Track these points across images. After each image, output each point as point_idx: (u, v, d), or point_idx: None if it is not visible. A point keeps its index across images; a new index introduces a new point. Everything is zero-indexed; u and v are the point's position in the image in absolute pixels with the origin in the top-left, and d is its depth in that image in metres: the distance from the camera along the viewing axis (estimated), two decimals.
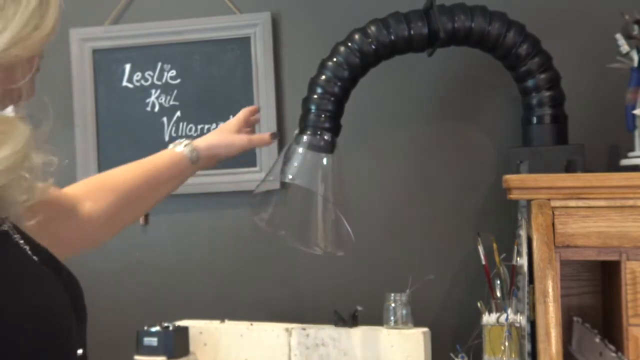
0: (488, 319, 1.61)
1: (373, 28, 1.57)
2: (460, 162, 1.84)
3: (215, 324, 1.82)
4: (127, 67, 1.99)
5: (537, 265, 1.33)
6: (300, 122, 1.58)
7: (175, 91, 1.97)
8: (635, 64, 1.52)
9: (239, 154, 1.44)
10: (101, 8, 2.00)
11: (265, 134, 1.48)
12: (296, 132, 1.57)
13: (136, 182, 1.25)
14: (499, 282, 1.63)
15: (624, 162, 1.54)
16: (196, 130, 1.96)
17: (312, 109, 1.56)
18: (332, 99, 1.55)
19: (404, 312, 1.69)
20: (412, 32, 1.57)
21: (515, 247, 1.59)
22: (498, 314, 1.59)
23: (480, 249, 1.66)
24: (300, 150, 1.54)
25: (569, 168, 1.53)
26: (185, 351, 1.75)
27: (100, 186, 1.22)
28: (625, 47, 1.53)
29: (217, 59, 1.94)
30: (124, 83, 1.99)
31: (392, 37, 1.57)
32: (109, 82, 2.00)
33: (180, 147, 1.33)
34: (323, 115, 1.54)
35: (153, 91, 1.98)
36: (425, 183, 1.85)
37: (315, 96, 1.55)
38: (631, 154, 1.54)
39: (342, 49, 1.57)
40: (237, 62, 1.93)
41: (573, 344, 1.50)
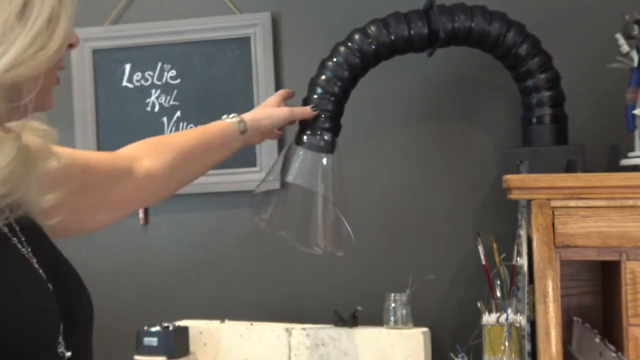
0: (488, 319, 1.61)
1: (373, 28, 1.57)
2: (460, 162, 1.84)
3: (215, 324, 1.82)
4: (127, 67, 1.99)
5: (537, 265, 1.33)
6: (300, 122, 1.58)
7: (175, 91, 1.97)
8: (635, 64, 1.52)
9: (283, 126, 1.52)
10: (101, 8, 2.00)
11: (307, 107, 1.53)
12: (296, 132, 1.57)
13: (191, 144, 1.35)
14: (499, 282, 1.63)
15: (624, 162, 1.54)
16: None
17: (312, 109, 1.56)
18: (332, 99, 1.55)
19: (404, 312, 1.69)
20: (412, 32, 1.57)
21: (515, 247, 1.59)
22: (498, 314, 1.60)
23: (480, 249, 1.66)
24: (300, 150, 1.54)
25: (569, 168, 1.53)
26: (185, 351, 1.75)
27: (158, 145, 1.31)
28: (625, 47, 1.53)
29: (217, 59, 1.94)
30: (124, 83, 1.99)
31: (392, 37, 1.57)
32: (109, 82, 2.00)
33: (229, 118, 1.43)
34: (323, 115, 1.54)
35: (153, 91, 1.98)
36: (425, 183, 1.85)
37: (315, 96, 1.55)
38: (631, 154, 1.54)
39: (342, 49, 1.57)
40: (237, 62, 1.93)
41: (573, 344, 1.50)
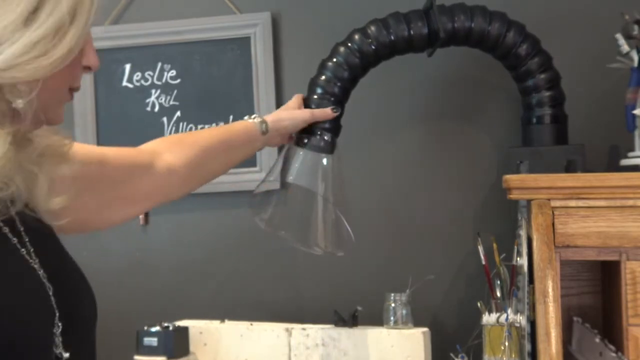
0: (488, 319, 1.61)
1: (373, 28, 1.57)
2: (460, 162, 1.84)
3: (215, 324, 1.82)
4: (127, 67, 1.99)
5: (537, 265, 1.33)
6: None
7: (175, 91, 1.97)
8: (635, 64, 1.52)
9: (303, 127, 1.52)
10: (101, 8, 2.00)
11: (327, 108, 1.53)
12: (296, 132, 1.57)
13: (213, 142, 1.36)
14: (499, 282, 1.63)
15: (624, 162, 1.54)
16: (196, 130, 1.96)
17: (312, 109, 1.56)
18: (332, 99, 1.55)
19: (404, 312, 1.69)
20: (412, 32, 1.57)
21: (515, 247, 1.59)
22: (498, 314, 1.60)
23: (480, 249, 1.66)
24: (300, 150, 1.54)
25: (569, 168, 1.53)
26: (185, 351, 1.75)
27: (180, 141, 1.32)
28: (625, 47, 1.53)
29: (217, 59, 1.94)
30: (124, 83, 1.99)
31: (392, 37, 1.56)
32: (109, 82, 2.00)
33: (251, 119, 1.45)
34: None
35: (153, 91, 1.98)
36: (425, 183, 1.85)
37: (315, 96, 1.55)
38: (631, 154, 1.54)
39: (342, 49, 1.57)
40: (237, 62, 1.93)
41: (573, 344, 1.50)
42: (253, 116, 1.46)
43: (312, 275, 1.90)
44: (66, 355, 0.85)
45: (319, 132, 1.53)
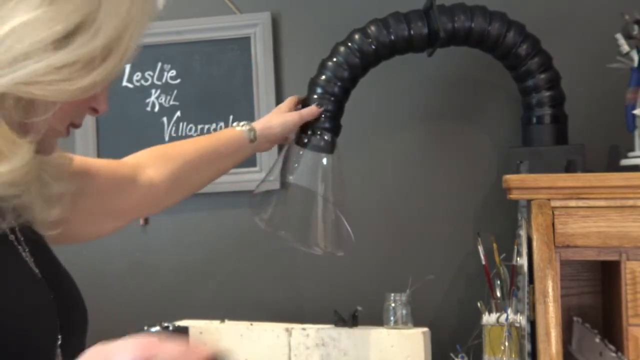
0: (488, 319, 1.61)
1: (373, 28, 1.57)
2: (460, 162, 1.84)
3: (215, 324, 1.82)
4: (127, 67, 1.99)
5: (537, 265, 1.33)
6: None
7: (175, 91, 1.97)
8: (635, 64, 1.52)
9: (294, 130, 1.51)
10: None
11: (312, 106, 1.53)
12: (296, 132, 1.57)
13: (198, 153, 1.34)
14: (499, 282, 1.63)
15: (624, 162, 1.54)
16: (196, 130, 1.96)
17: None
18: (332, 99, 1.55)
19: (404, 312, 1.69)
20: (412, 32, 1.57)
21: (515, 247, 1.59)
22: (498, 314, 1.59)
23: (480, 249, 1.66)
24: (300, 150, 1.54)
25: (569, 168, 1.53)
26: None
27: (164, 154, 1.30)
28: (625, 47, 1.53)
29: (217, 59, 1.94)
30: (124, 83, 1.99)
31: (392, 37, 1.56)
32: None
33: (239, 127, 1.43)
34: (323, 115, 1.54)
35: (153, 91, 1.98)
36: (425, 183, 1.85)
37: (315, 96, 1.55)
38: (631, 154, 1.54)
39: (342, 49, 1.57)
40: (237, 62, 1.93)
41: (573, 344, 1.50)
42: (242, 124, 1.44)
43: (312, 275, 1.90)
44: None
45: (319, 132, 1.53)
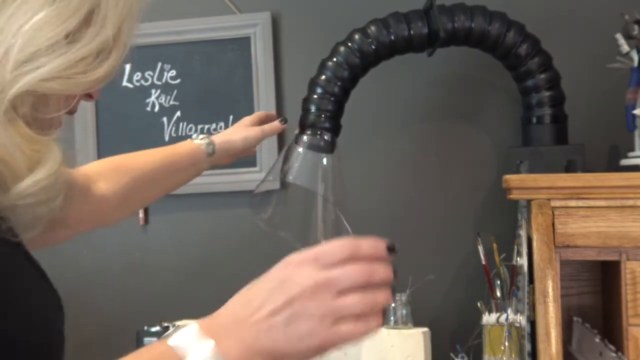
0: (488, 319, 1.61)
1: (373, 28, 1.57)
2: (460, 162, 1.84)
3: None
4: (127, 67, 1.99)
5: (537, 265, 1.33)
6: (300, 122, 1.58)
7: (175, 91, 1.97)
8: (635, 64, 1.52)
9: (256, 145, 1.50)
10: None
11: (275, 122, 1.52)
12: (296, 132, 1.57)
13: (153, 167, 1.31)
14: (499, 282, 1.63)
15: (624, 162, 1.54)
16: (196, 130, 1.96)
17: (312, 109, 1.56)
18: (332, 99, 1.55)
19: (404, 312, 1.69)
20: (412, 32, 1.57)
21: (515, 247, 1.59)
22: (498, 314, 1.59)
23: (480, 249, 1.66)
24: (300, 150, 1.54)
25: (569, 168, 1.53)
26: None
27: (117, 167, 1.27)
28: (625, 47, 1.53)
29: (217, 59, 1.94)
30: (124, 83, 1.99)
31: (392, 37, 1.57)
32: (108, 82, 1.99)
33: (198, 140, 1.40)
34: (323, 115, 1.54)
35: (153, 91, 1.98)
36: (425, 183, 1.85)
37: (315, 96, 1.55)
38: (631, 154, 1.54)
39: (342, 49, 1.57)
40: (237, 62, 1.93)
41: (573, 344, 1.50)
42: (201, 137, 1.41)
43: None
44: None
45: (318, 132, 1.53)
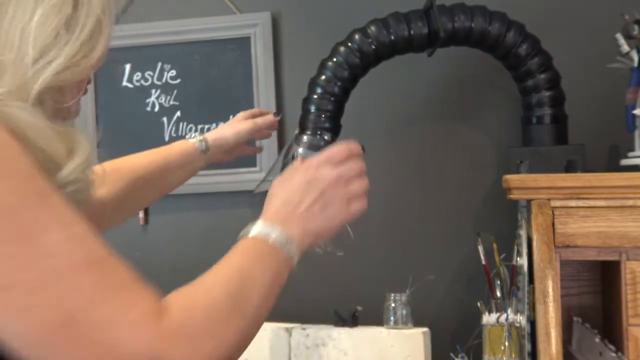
0: (488, 319, 1.61)
1: (373, 28, 1.57)
2: (460, 162, 1.84)
3: None
4: (127, 67, 1.99)
5: (537, 265, 1.33)
6: (300, 122, 1.58)
7: (175, 91, 1.97)
8: (635, 64, 1.52)
9: (248, 140, 1.50)
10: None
11: (268, 115, 1.52)
12: (296, 132, 1.57)
13: (149, 169, 1.33)
14: (499, 282, 1.63)
15: (624, 162, 1.54)
16: (196, 130, 1.96)
17: (312, 109, 1.56)
18: (332, 99, 1.55)
19: (404, 312, 1.69)
20: (412, 32, 1.57)
21: (515, 247, 1.59)
22: (498, 314, 1.59)
23: (480, 249, 1.66)
24: (300, 150, 1.54)
25: (569, 168, 1.53)
26: None
27: (114, 170, 1.27)
28: (625, 47, 1.53)
29: (217, 59, 1.94)
30: (124, 83, 1.99)
31: (392, 37, 1.57)
32: (109, 82, 2.00)
33: (191, 138, 1.42)
34: (323, 115, 1.54)
35: (153, 91, 1.98)
36: (425, 183, 1.85)
37: (315, 96, 1.55)
38: (631, 154, 1.54)
39: (342, 49, 1.57)
40: (237, 62, 1.93)
41: (573, 344, 1.50)
42: (193, 135, 1.44)
43: (312, 275, 1.90)
44: None
45: (318, 132, 1.53)
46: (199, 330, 0.77)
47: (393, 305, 1.69)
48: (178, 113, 1.97)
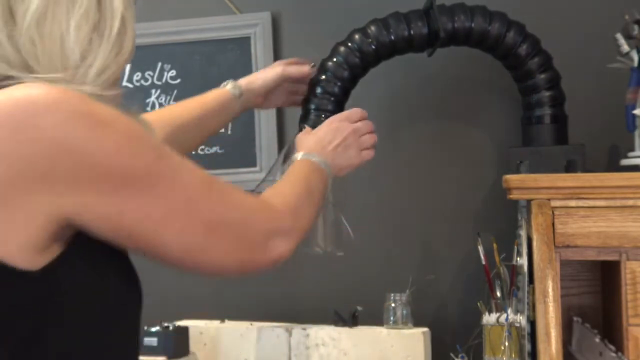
0: (488, 319, 1.61)
1: (373, 28, 1.57)
2: (460, 162, 1.84)
3: (215, 324, 1.82)
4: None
5: (537, 265, 1.33)
6: (300, 122, 1.58)
7: (175, 91, 1.97)
8: (635, 64, 1.52)
9: (279, 82, 1.54)
10: None
11: (303, 66, 1.57)
12: (296, 132, 1.57)
13: (189, 116, 1.41)
14: (499, 282, 1.63)
15: (624, 162, 1.54)
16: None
17: (312, 109, 1.56)
18: (332, 99, 1.55)
19: (404, 312, 1.69)
20: (412, 32, 1.57)
21: (515, 247, 1.59)
22: (498, 314, 1.60)
23: (480, 249, 1.66)
24: None
25: (569, 168, 1.53)
26: (185, 351, 1.75)
27: (157, 119, 1.32)
28: (625, 47, 1.53)
29: (217, 59, 1.94)
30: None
31: (392, 37, 1.56)
32: None
33: (224, 85, 1.49)
34: (323, 115, 1.54)
35: (153, 91, 1.98)
36: (425, 183, 1.85)
37: (315, 96, 1.55)
38: (631, 154, 1.54)
39: (342, 49, 1.57)
40: (237, 62, 1.93)
41: (573, 344, 1.50)
42: (225, 82, 1.49)
43: (312, 275, 1.90)
44: None
45: None
46: (294, 210, 1.06)
47: (393, 305, 1.69)
48: None
